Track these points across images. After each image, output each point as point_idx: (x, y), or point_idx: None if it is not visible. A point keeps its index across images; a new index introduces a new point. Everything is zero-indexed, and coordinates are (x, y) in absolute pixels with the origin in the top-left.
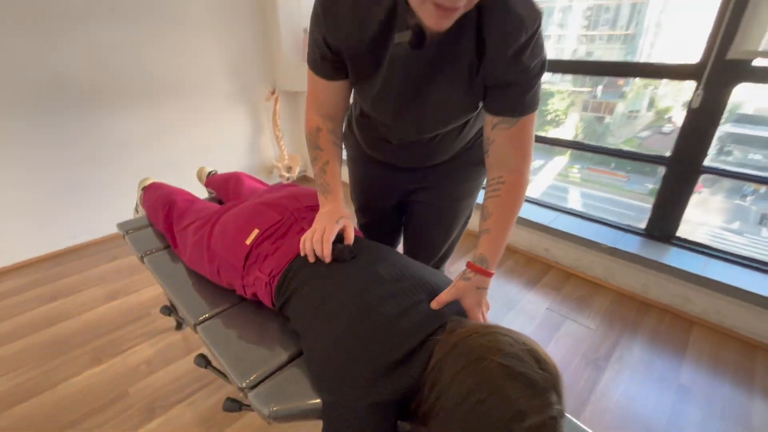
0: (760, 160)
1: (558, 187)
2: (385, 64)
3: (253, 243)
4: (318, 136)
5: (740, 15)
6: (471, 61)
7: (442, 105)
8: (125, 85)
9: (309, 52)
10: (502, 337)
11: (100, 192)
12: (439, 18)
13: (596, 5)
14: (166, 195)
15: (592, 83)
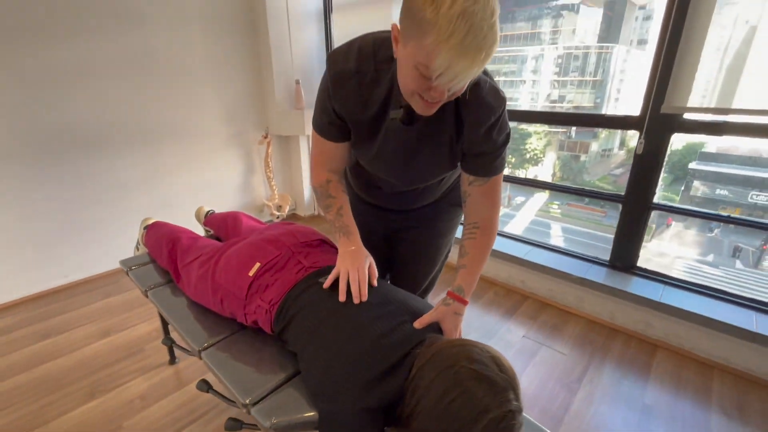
0: (727, 195)
1: (540, 222)
2: (381, 134)
3: (255, 275)
4: (328, 187)
5: (668, 75)
6: (451, 136)
7: (427, 166)
8: (127, 131)
9: (317, 118)
10: (471, 348)
11: (94, 231)
12: (426, 107)
13: (566, 54)
14: (169, 233)
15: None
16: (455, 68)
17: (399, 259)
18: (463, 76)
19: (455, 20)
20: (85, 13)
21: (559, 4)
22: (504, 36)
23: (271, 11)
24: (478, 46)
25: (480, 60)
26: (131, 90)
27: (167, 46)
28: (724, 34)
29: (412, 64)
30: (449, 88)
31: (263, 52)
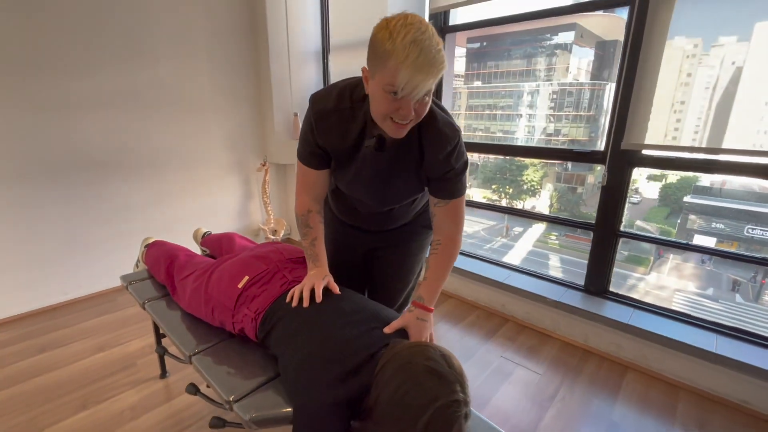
0: (723, 228)
1: (538, 253)
2: (358, 161)
3: (243, 287)
4: (309, 217)
5: (625, 116)
6: (417, 162)
7: (399, 189)
8: (133, 157)
9: (300, 150)
10: (425, 348)
11: (94, 251)
12: (397, 130)
13: (560, 90)
14: (168, 250)
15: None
16: (414, 81)
17: (376, 277)
18: (422, 87)
19: (408, 46)
20: (100, 48)
21: (552, 43)
22: (501, 72)
23: (274, 50)
24: (429, 62)
25: (433, 74)
26: (139, 118)
27: (175, 79)
28: (712, 73)
29: (381, 90)
30: (414, 100)
31: (264, 86)
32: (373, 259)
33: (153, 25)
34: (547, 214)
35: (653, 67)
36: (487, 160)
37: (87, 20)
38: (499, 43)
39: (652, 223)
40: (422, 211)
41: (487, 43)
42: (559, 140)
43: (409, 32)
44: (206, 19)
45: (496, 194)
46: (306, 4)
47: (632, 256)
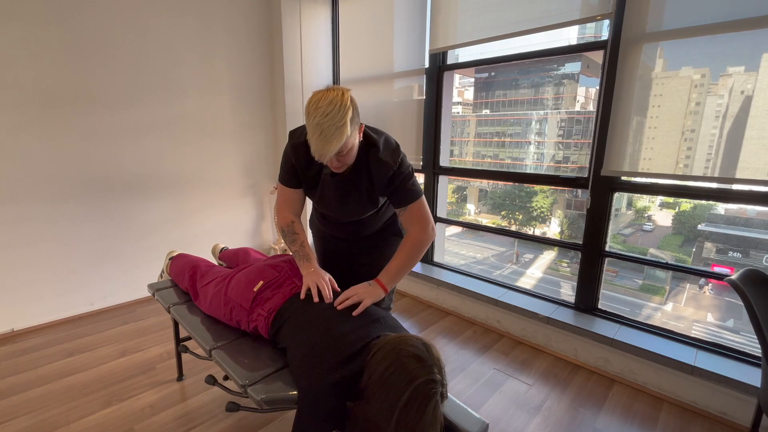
0: (740, 257)
1: (550, 280)
2: (321, 184)
3: (258, 290)
4: (293, 226)
5: (603, 144)
6: (366, 185)
7: (355, 206)
8: (160, 178)
9: (281, 174)
10: (410, 338)
11: (117, 266)
12: (336, 168)
13: (569, 117)
14: (192, 261)
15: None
16: (320, 151)
17: (358, 280)
18: (327, 154)
19: (312, 128)
20: (136, 85)
21: (560, 73)
22: (509, 101)
23: (288, 84)
24: (328, 140)
25: (332, 145)
26: (167, 145)
27: (200, 111)
28: (721, 102)
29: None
30: (329, 158)
31: (279, 117)
32: (354, 264)
33: (182, 64)
34: (539, 236)
35: (626, 100)
36: (496, 187)
37: (127, 61)
38: (507, 73)
39: (667, 251)
40: (390, 221)
41: (495, 72)
42: (567, 167)
43: (315, 116)
44: (228, 57)
45: (506, 221)
46: (319, 43)
47: (647, 285)
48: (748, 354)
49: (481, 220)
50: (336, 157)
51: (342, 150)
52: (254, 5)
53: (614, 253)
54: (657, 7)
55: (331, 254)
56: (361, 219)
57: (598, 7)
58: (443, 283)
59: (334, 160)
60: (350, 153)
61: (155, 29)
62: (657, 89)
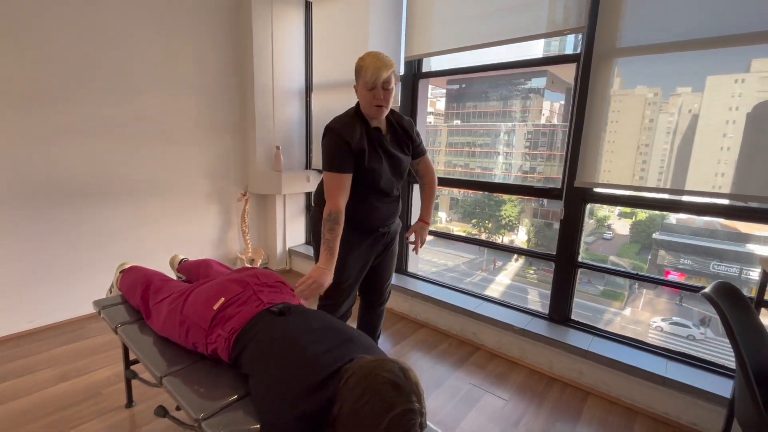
0: (691, 264)
1: (518, 287)
2: (377, 148)
3: (219, 308)
4: (339, 216)
5: (576, 156)
6: (404, 137)
7: (403, 161)
8: (114, 184)
9: (335, 162)
10: (385, 362)
11: (64, 279)
12: (378, 111)
13: (535, 130)
14: (145, 275)
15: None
16: (376, 71)
17: (378, 275)
18: (382, 75)
19: (371, 56)
20: (88, 81)
21: (526, 87)
22: (479, 112)
23: (259, 87)
24: (384, 63)
25: (385, 68)
26: (122, 147)
27: (162, 112)
28: (671, 119)
29: (362, 89)
30: (380, 86)
31: (248, 120)
32: (378, 262)
33: (140, 62)
34: (514, 246)
35: (598, 115)
36: (467, 195)
37: (76, 55)
38: (477, 85)
39: (625, 259)
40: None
41: (466, 84)
42: (534, 177)
43: (369, 54)
44: (194, 54)
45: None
46: (292, 46)
47: (608, 291)
48: (716, 364)
49: (452, 228)
50: (384, 86)
51: (389, 82)
52: (222, 5)
53: (588, 264)
54: (629, 23)
55: (359, 264)
56: (398, 191)
57: (571, 21)
58: (418, 294)
59: (381, 91)
60: (392, 94)
61: (109, 23)
62: (615, 105)
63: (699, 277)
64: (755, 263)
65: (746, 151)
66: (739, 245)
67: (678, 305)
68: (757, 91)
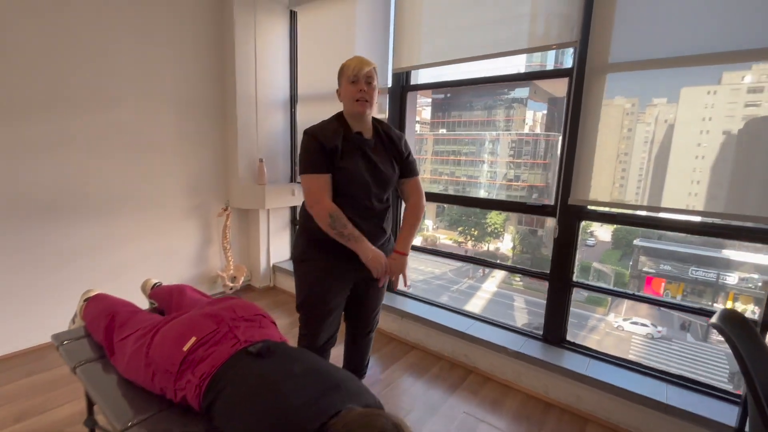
0: (670, 270)
1: (504, 294)
2: (356, 153)
3: (189, 349)
4: (338, 213)
5: (570, 174)
6: (390, 145)
7: (387, 167)
8: (86, 200)
9: (310, 162)
10: (377, 417)
11: (25, 303)
12: (360, 106)
13: (519, 139)
14: (109, 306)
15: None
16: (359, 65)
17: (363, 306)
18: (364, 68)
19: (352, 58)
20: (58, 90)
21: (510, 97)
22: (464, 121)
23: (241, 99)
24: (364, 59)
25: (367, 60)
26: (95, 161)
27: (137, 123)
28: (648, 129)
29: (345, 84)
30: (363, 80)
31: (230, 132)
32: (358, 293)
33: (115, 69)
34: (506, 264)
35: (591, 130)
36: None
37: (45, 65)
38: (462, 95)
39: (608, 265)
40: (387, 241)
41: (451, 94)
42: (519, 185)
43: (354, 56)
44: (172, 64)
45: (462, 237)
46: (276, 57)
47: (592, 298)
48: (717, 389)
49: (439, 236)
50: (366, 79)
51: (371, 77)
52: (202, 13)
53: (583, 284)
54: (620, 39)
55: (337, 290)
56: (386, 201)
57: (564, 35)
58: (408, 315)
59: (364, 83)
60: (374, 91)
61: (81, 31)
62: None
63: (678, 283)
64: (732, 268)
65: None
66: (716, 251)
67: (659, 310)
68: (728, 102)
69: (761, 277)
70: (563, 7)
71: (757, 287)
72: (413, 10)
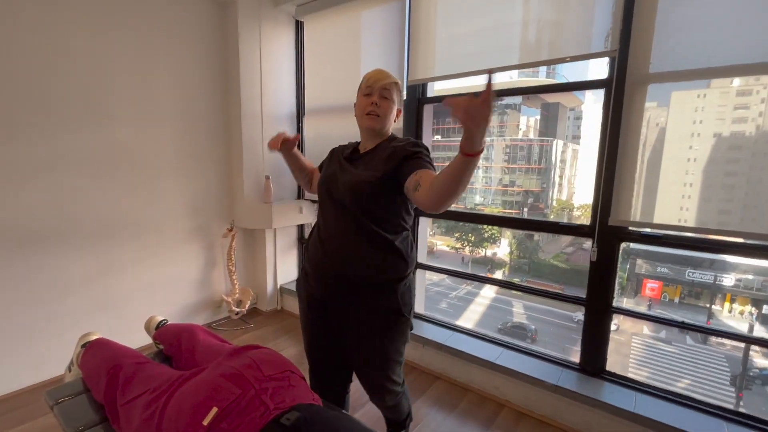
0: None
1: (502, 300)
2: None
3: (210, 424)
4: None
5: (610, 193)
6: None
7: (360, 175)
8: (80, 226)
9: None
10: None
11: (21, 339)
12: (370, 120)
13: (512, 144)
14: (111, 357)
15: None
16: (375, 76)
17: (351, 357)
18: (382, 80)
19: (372, 70)
20: (50, 110)
21: (503, 103)
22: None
23: (246, 113)
24: (383, 72)
25: (386, 75)
26: (90, 183)
27: (136, 142)
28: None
29: (360, 96)
30: (377, 93)
31: (234, 149)
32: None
33: (112, 84)
34: (538, 288)
35: (633, 143)
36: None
37: (35, 80)
38: None
39: None
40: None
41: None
42: (514, 190)
43: (375, 68)
44: (174, 78)
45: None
46: (282, 68)
47: None
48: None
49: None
50: (381, 92)
51: (389, 90)
52: (205, 25)
53: (625, 310)
54: (660, 48)
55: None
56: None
57: (602, 44)
58: (429, 342)
59: (377, 96)
60: (389, 106)
61: (74, 43)
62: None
63: (676, 285)
64: (728, 270)
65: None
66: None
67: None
68: (718, 106)
69: (757, 278)
70: (599, 15)
71: (754, 289)
72: (429, 19)
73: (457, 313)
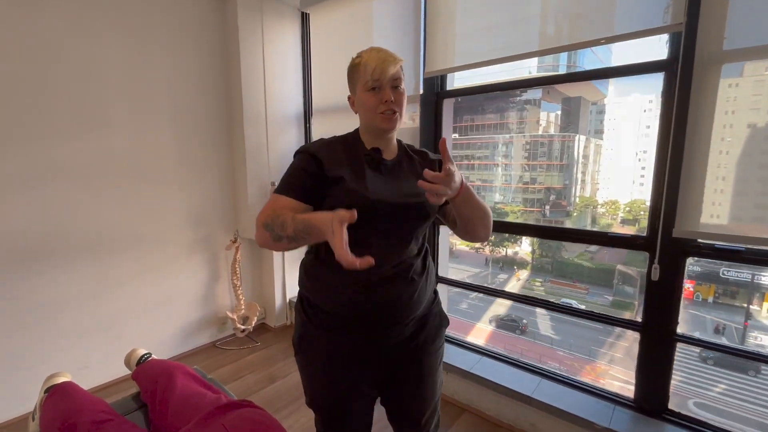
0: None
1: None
2: (369, 172)
3: None
4: (275, 213)
5: (675, 198)
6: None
7: (413, 186)
8: (70, 240)
9: (286, 181)
10: None
11: (2, 369)
12: (385, 120)
13: (533, 141)
14: (69, 411)
15: (540, 204)
16: (381, 66)
17: (402, 405)
18: (389, 69)
19: (369, 50)
20: (39, 116)
21: (523, 99)
22: (476, 125)
23: (249, 115)
24: (388, 54)
25: (393, 60)
26: (85, 194)
27: (133, 150)
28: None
29: (363, 91)
30: (388, 85)
31: (238, 154)
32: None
33: (106, 87)
34: (584, 310)
35: (704, 136)
36: None
37: (21, 82)
38: (474, 98)
39: (632, 267)
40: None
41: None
42: (535, 188)
43: (366, 50)
44: (171, 80)
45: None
46: (287, 66)
47: (617, 302)
48: None
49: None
50: (392, 83)
51: (398, 79)
52: (204, 22)
53: (692, 339)
54: (737, 19)
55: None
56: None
57: (665, 17)
58: (453, 369)
59: (390, 92)
60: (403, 97)
61: (65, 42)
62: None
63: (709, 284)
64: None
65: None
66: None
67: (688, 312)
68: (752, 95)
69: None
70: None
71: None
72: (448, 3)
73: (478, 314)
